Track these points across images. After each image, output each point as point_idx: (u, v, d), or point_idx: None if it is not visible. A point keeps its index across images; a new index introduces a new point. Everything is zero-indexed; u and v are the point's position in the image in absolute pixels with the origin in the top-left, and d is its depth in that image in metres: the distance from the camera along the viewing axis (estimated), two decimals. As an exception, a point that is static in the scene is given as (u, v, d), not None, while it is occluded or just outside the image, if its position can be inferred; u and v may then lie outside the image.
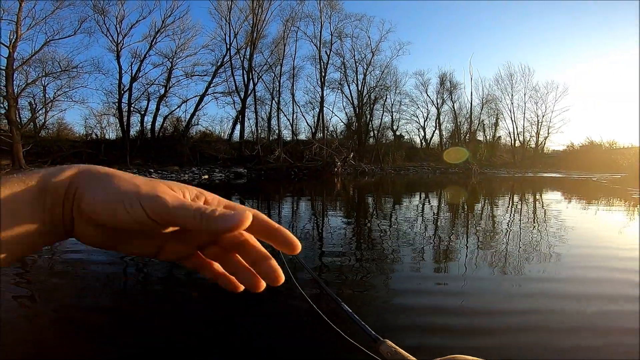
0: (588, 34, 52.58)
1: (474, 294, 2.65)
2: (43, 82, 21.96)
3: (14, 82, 19.40)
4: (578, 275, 3.08)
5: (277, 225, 0.29)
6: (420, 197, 10.62)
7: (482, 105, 35.43)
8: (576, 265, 3.36)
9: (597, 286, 2.80)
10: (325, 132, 29.36)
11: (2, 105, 20.08)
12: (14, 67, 19.09)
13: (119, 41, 24.15)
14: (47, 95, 22.66)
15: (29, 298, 2.64)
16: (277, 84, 27.98)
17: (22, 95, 20.80)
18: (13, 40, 18.85)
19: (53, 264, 3.42)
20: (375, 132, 32.41)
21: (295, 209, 7.83)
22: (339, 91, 31.04)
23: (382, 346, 0.55)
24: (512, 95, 35.67)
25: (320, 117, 29.18)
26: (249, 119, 27.96)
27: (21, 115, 22.07)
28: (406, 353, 0.52)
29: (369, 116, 31.60)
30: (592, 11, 49.54)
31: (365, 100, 30.73)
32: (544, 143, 37.20)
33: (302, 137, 29.75)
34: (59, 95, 22.23)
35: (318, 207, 8.30)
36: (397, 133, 34.72)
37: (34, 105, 22.82)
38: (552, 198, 10.33)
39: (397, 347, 0.53)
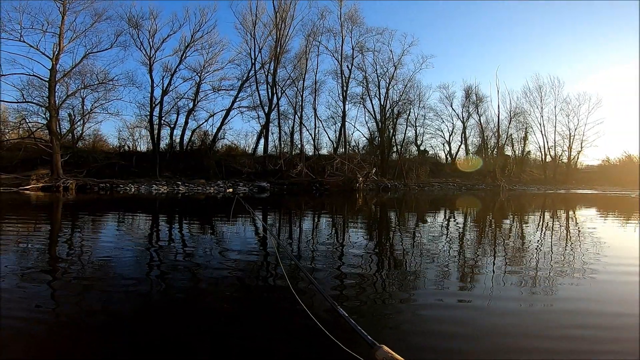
0: (618, 40, 50.34)
1: (499, 313, 2.50)
2: (82, 94, 23.25)
3: (55, 94, 20.60)
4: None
5: None
6: (446, 215, 10.32)
7: (510, 118, 34.32)
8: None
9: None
10: (347, 147, 29.32)
11: (44, 116, 21.52)
12: (56, 79, 20.30)
13: (151, 55, 25.38)
14: (85, 107, 24.03)
15: (48, 300, 2.73)
16: (300, 98, 28.36)
17: (62, 107, 22.11)
18: (56, 52, 20.07)
19: (82, 266, 3.57)
20: (399, 147, 31.99)
21: (316, 223, 7.81)
22: (361, 105, 30.90)
23: (378, 351, 0.53)
24: (541, 108, 34.51)
25: (342, 132, 29.28)
26: (272, 134, 28.45)
27: (61, 126, 23.51)
28: (402, 359, 0.49)
29: (391, 131, 31.15)
30: (618, 15, 47.08)
31: (388, 115, 30.42)
32: (577, 158, 35.56)
33: (324, 152, 29.84)
34: (96, 107, 23.46)
35: (339, 222, 8.23)
36: (421, 148, 34.29)
37: (73, 117, 24.41)
38: (590, 214, 9.74)
39: (394, 353, 0.51)
